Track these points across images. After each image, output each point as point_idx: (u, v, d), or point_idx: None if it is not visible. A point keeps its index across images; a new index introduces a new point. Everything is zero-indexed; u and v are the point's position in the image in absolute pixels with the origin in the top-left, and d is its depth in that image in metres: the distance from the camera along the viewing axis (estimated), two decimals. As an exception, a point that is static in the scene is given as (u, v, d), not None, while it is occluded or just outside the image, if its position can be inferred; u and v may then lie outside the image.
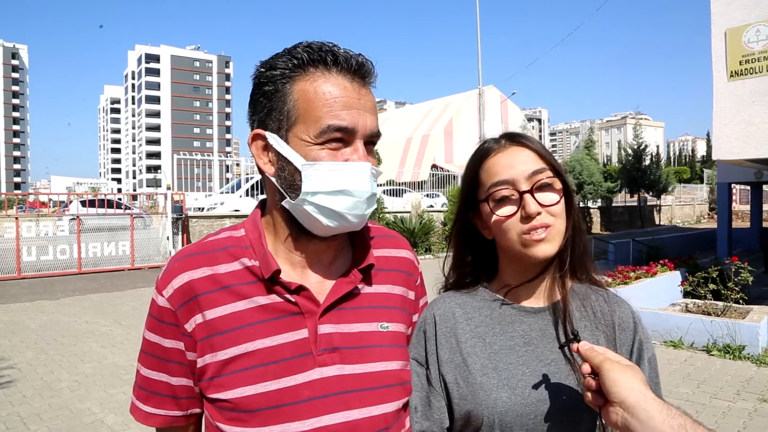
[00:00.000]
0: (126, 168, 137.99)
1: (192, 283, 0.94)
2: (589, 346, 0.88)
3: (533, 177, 0.98)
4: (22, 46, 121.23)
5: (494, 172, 1.02)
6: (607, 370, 0.83)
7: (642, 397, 0.80)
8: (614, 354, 0.88)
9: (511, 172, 1.00)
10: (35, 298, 10.13)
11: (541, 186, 0.98)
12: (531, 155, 1.01)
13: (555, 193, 0.99)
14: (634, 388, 0.81)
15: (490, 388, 0.97)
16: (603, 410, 0.84)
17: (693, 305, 7.06)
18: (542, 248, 0.97)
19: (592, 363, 0.86)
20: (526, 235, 0.98)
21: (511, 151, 1.02)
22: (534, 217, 0.96)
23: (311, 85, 0.90)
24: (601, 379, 0.84)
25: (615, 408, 0.82)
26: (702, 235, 18.44)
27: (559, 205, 0.99)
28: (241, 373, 0.90)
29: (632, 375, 0.83)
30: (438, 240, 18.56)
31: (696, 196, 42.13)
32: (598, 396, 0.85)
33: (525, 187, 0.98)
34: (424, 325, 1.09)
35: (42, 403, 4.83)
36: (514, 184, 0.99)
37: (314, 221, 0.92)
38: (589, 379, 0.86)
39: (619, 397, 0.81)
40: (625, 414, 0.80)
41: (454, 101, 42.82)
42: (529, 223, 0.97)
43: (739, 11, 7.53)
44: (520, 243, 0.99)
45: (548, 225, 0.97)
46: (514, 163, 1.00)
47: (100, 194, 19.39)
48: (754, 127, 7.42)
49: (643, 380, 0.83)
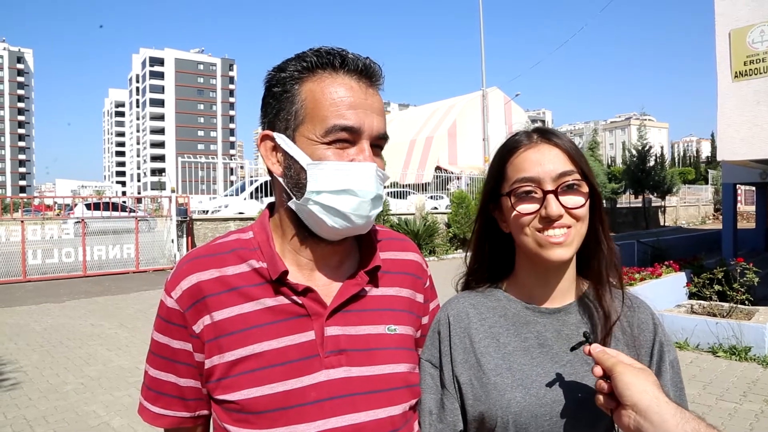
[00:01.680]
0: (130, 171, 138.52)
1: (200, 284, 0.94)
2: (601, 349, 0.87)
3: (560, 178, 0.96)
4: (28, 50, 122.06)
5: (521, 167, 0.99)
6: (620, 373, 0.82)
7: (655, 401, 0.79)
8: (627, 357, 0.87)
9: (537, 170, 0.97)
10: (41, 301, 10.15)
11: (567, 188, 0.96)
12: (560, 155, 0.98)
13: (580, 196, 0.96)
14: (647, 391, 0.80)
15: (504, 388, 0.96)
16: (615, 414, 0.84)
17: (698, 306, 7.04)
18: (558, 252, 0.95)
19: (605, 366, 0.85)
20: (541, 235, 0.96)
21: (540, 148, 0.99)
22: (555, 219, 0.94)
23: (318, 85, 0.92)
24: (613, 382, 0.83)
25: (627, 411, 0.81)
26: (707, 236, 18.35)
27: (582, 209, 0.96)
28: (248, 374, 0.91)
29: (645, 378, 0.82)
30: (442, 242, 18.54)
31: (701, 196, 41.95)
32: (610, 399, 0.84)
33: (550, 187, 0.95)
34: (438, 326, 1.08)
35: (48, 405, 4.84)
36: (539, 183, 0.96)
37: (319, 222, 0.92)
38: (601, 382, 0.85)
39: (632, 400, 0.80)
40: (638, 417, 0.79)
41: (458, 103, 42.81)
42: (547, 224, 0.95)
43: (744, 12, 7.51)
44: (535, 242, 0.97)
45: (568, 226, 0.95)
46: (543, 161, 0.97)
47: (105, 197, 19.47)
48: (758, 127, 7.39)
49: (655, 383, 0.83)
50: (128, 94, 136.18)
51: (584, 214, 0.97)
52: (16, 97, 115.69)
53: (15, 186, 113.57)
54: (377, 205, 0.95)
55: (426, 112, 45.72)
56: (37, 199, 21.44)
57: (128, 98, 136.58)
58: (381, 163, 0.96)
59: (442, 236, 18.75)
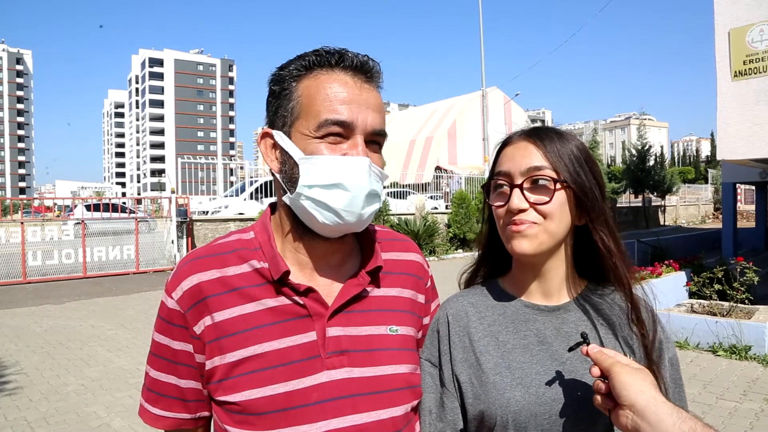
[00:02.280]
0: (130, 172, 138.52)
1: (201, 285, 0.94)
2: (599, 349, 0.88)
3: (528, 173, 0.98)
4: (27, 52, 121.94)
5: (500, 162, 1.04)
6: (617, 373, 0.82)
7: (652, 401, 0.79)
8: (624, 357, 0.87)
9: (509, 165, 1.01)
10: (41, 303, 10.15)
11: (533, 182, 0.97)
12: (535, 151, 0.99)
13: (545, 193, 0.96)
14: (644, 391, 0.80)
15: (503, 387, 0.96)
16: (613, 413, 0.84)
17: (698, 306, 7.04)
18: (519, 242, 0.97)
19: (602, 366, 0.85)
20: (507, 228, 0.99)
21: (520, 144, 1.02)
22: (515, 212, 0.97)
23: (314, 82, 0.92)
24: (610, 382, 0.83)
25: (625, 411, 0.81)
26: (707, 235, 18.35)
27: (547, 206, 0.96)
28: (250, 375, 0.90)
29: (642, 378, 0.82)
30: (442, 242, 18.54)
31: (701, 196, 41.91)
32: (607, 399, 0.85)
33: (517, 181, 0.98)
34: (437, 325, 1.08)
35: (48, 407, 4.84)
36: (510, 177, 0.99)
37: (311, 217, 0.92)
38: (598, 382, 0.86)
39: (629, 400, 0.80)
40: (635, 417, 0.80)
41: (458, 103, 42.79)
42: (511, 217, 0.98)
43: (743, 11, 7.51)
44: (504, 235, 1.01)
45: (533, 223, 0.96)
46: (516, 156, 1.01)
47: (105, 198, 19.45)
48: (758, 126, 7.40)
49: (653, 383, 0.83)
50: (128, 95, 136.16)
51: (550, 212, 0.96)
52: (16, 99, 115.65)
53: (15, 187, 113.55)
54: (372, 203, 0.93)
55: (426, 112, 45.70)
56: (37, 200, 21.40)
57: (128, 99, 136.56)
58: (378, 160, 0.95)
59: (442, 236, 18.75)
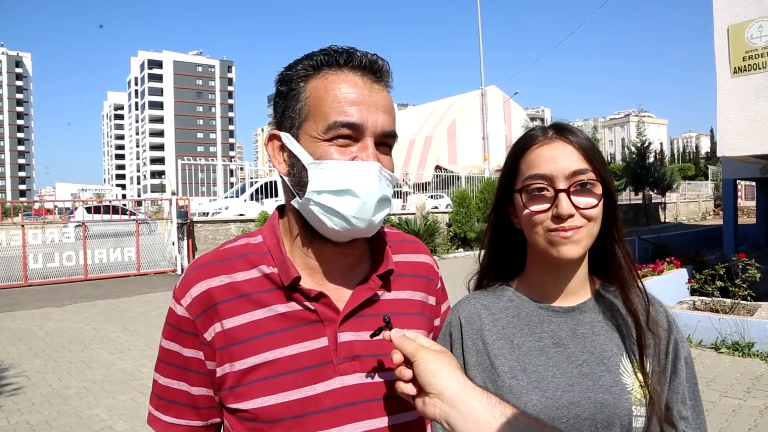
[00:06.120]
0: (130, 174, 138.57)
1: (210, 291, 0.93)
2: (401, 334, 0.85)
3: (573, 177, 0.93)
4: (26, 54, 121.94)
5: (534, 164, 0.96)
6: (422, 359, 0.79)
7: (461, 387, 0.77)
8: (426, 339, 0.85)
9: (550, 167, 0.94)
10: (42, 305, 10.16)
11: (580, 187, 0.93)
12: (575, 153, 0.95)
13: (593, 197, 0.94)
14: (452, 378, 0.78)
15: (519, 391, 0.93)
16: (418, 401, 0.81)
17: (700, 303, 7.02)
18: (568, 248, 0.93)
19: (405, 352, 0.82)
20: (552, 233, 0.93)
21: (555, 144, 0.96)
22: (565, 218, 0.92)
23: (322, 82, 0.90)
24: (416, 369, 0.80)
25: (433, 400, 0.78)
26: (708, 232, 18.33)
27: (594, 209, 0.94)
28: (261, 382, 0.89)
29: (448, 363, 0.80)
30: (443, 241, 18.53)
31: (701, 192, 41.89)
32: (412, 386, 0.82)
33: (562, 186, 0.92)
34: (450, 329, 1.05)
35: (51, 410, 4.84)
36: (551, 180, 0.93)
37: (320, 223, 0.91)
38: (402, 369, 0.82)
39: (437, 388, 0.77)
40: (444, 405, 0.77)
41: (457, 102, 42.83)
42: (558, 224, 0.93)
43: (742, 7, 7.51)
44: (546, 240, 0.95)
45: (579, 227, 0.93)
46: (556, 158, 0.94)
47: (105, 200, 19.44)
48: (758, 123, 7.40)
49: (458, 367, 0.81)
50: (127, 96, 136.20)
51: (596, 215, 0.94)
52: (15, 102, 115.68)
53: (15, 190, 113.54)
54: (382, 208, 0.91)
55: (425, 112, 45.73)
56: (38, 203, 21.40)
57: (127, 101, 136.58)
58: (388, 162, 0.93)
59: (443, 236, 18.74)
